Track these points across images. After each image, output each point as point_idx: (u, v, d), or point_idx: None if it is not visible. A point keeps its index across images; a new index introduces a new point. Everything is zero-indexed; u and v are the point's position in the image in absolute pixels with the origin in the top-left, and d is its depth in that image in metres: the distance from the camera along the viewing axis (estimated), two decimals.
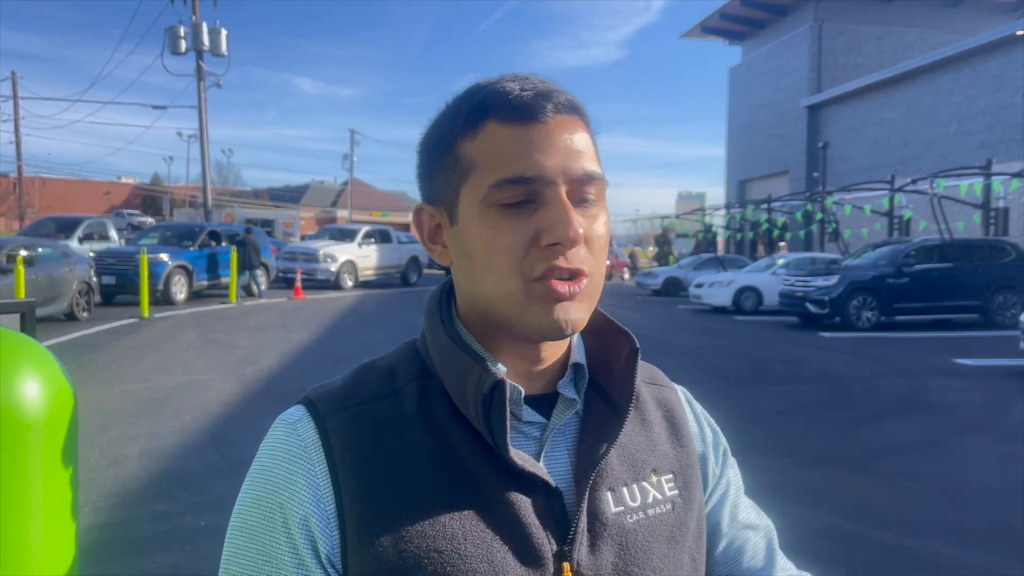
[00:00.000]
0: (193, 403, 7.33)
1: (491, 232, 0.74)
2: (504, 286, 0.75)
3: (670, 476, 0.85)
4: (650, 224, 50.85)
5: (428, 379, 0.80)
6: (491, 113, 0.76)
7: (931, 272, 15.66)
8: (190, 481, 5.12)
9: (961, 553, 4.21)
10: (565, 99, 0.77)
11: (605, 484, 0.80)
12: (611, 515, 0.78)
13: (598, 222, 0.77)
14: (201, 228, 19.53)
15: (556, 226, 0.73)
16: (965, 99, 25.79)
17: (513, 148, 0.74)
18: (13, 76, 45.73)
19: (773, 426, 7.28)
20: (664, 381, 0.95)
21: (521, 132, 0.75)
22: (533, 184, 0.74)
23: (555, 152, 0.74)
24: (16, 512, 0.79)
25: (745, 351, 12.59)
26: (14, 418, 0.79)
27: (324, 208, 66.27)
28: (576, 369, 0.84)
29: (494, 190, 0.74)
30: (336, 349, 11.24)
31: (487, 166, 0.75)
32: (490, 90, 0.77)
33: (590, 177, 0.76)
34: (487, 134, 0.76)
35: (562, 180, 0.74)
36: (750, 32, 40.97)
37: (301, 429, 0.76)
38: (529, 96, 0.75)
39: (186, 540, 4.10)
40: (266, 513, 0.74)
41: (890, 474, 5.72)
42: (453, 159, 0.78)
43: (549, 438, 0.80)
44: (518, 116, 0.75)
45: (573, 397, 0.82)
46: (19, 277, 11.40)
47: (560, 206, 0.73)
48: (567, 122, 0.76)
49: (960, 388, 9.26)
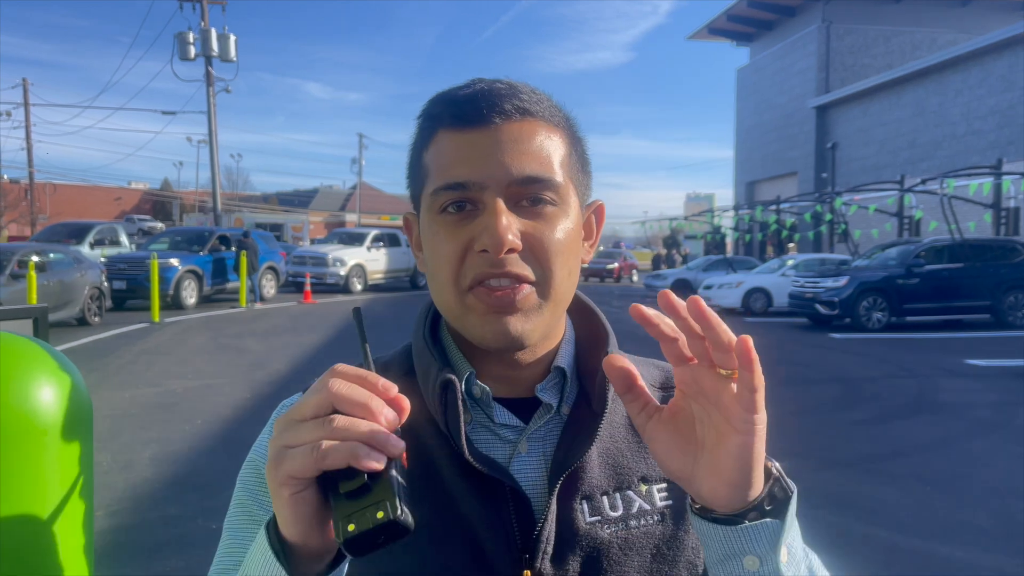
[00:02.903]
0: (204, 407, 7.35)
1: (434, 240, 0.75)
2: (443, 295, 0.75)
3: (663, 485, 0.80)
4: (658, 226, 50.75)
5: (411, 379, 0.80)
6: (441, 121, 0.76)
7: (941, 272, 15.58)
8: (201, 485, 5.14)
9: (973, 554, 4.19)
10: (515, 103, 0.74)
11: (580, 492, 0.76)
12: (583, 525, 0.75)
13: (552, 227, 0.74)
14: (211, 233, 19.61)
15: (484, 232, 0.71)
16: (974, 99, 25.68)
17: (454, 154, 0.74)
18: (24, 83, 46.02)
19: (783, 427, 7.22)
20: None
21: (463, 138, 0.74)
22: (468, 190, 0.72)
23: (494, 156, 0.72)
24: (33, 516, 0.80)
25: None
26: (30, 423, 0.80)
27: (333, 212, 66.47)
28: (560, 373, 0.81)
29: (433, 197, 0.74)
30: (346, 352, 11.25)
31: (433, 173, 0.75)
32: (441, 98, 0.77)
33: (532, 179, 0.73)
34: (436, 142, 0.76)
35: (497, 184, 0.72)
36: (757, 33, 40.88)
37: None
38: (474, 102, 0.74)
39: (197, 544, 4.11)
40: (258, 478, 0.78)
41: (901, 475, 5.70)
42: (417, 168, 0.79)
43: (524, 441, 0.78)
44: (462, 122, 0.74)
45: (549, 402, 0.79)
46: (31, 283, 11.47)
47: (492, 211, 0.71)
48: (517, 126, 0.74)
49: (971, 389, 9.21)
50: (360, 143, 61.94)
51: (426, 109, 0.79)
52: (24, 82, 46.11)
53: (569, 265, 0.76)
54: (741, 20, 40.05)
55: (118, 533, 4.27)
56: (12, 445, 0.78)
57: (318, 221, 59.88)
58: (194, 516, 4.55)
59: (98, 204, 62.52)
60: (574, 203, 0.78)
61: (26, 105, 45.76)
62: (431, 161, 0.76)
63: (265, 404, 7.53)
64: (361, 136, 62.59)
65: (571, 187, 0.77)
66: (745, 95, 42.15)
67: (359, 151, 61.91)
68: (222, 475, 5.32)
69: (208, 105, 28.10)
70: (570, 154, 0.78)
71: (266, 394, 8.04)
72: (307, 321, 15.30)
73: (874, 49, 34.37)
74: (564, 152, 0.77)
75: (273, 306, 18.53)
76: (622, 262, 38.33)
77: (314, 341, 12.31)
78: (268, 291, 20.12)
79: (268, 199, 71.84)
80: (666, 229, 48.87)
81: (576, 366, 0.83)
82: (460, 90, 0.77)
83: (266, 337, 12.71)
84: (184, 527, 4.37)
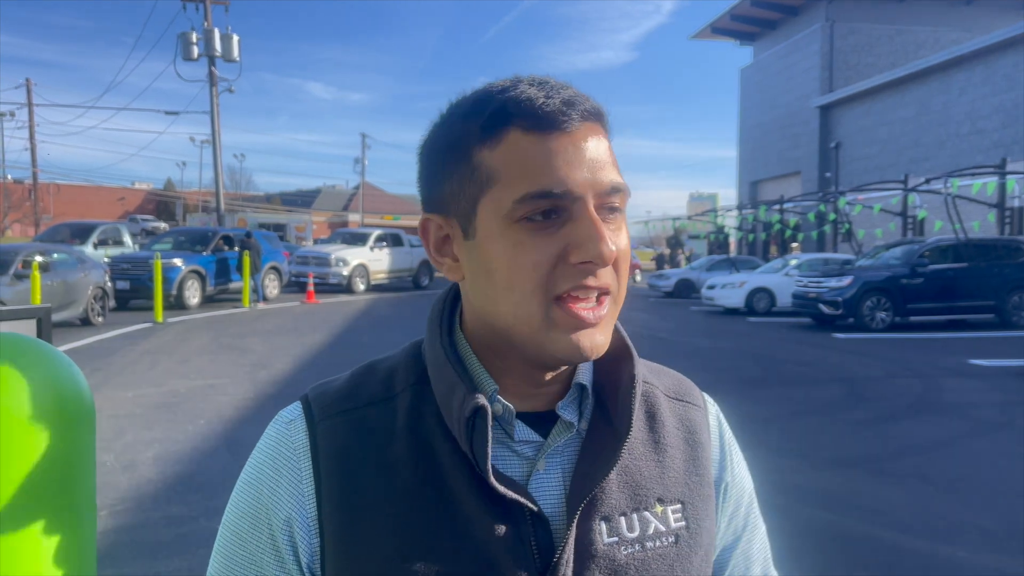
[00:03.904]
0: (207, 407, 7.37)
1: (514, 249, 0.70)
2: (525, 307, 0.70)
3: (678, 507, 0.79)
4: (662, 226, 50.75)
5: (424, 387, 0.77)
6: (513, 121, 0.71)
7: (945, 272, 15.55)
8: (204, 485, 5.15)
9: (976, 555, 4.18)
10: (590, 106, 0.73)
11: (599, 513, 0.75)
12: (602, 546, 0.74)
13: (622, 236, 0.73)
14: (214, 233, 19.65)
15: (587, 243, 0.69)
16: (978, 97, 25.62)
17: (539, 160, 0.69)
18: (28, 83, 46.17)
19: (787, 427, 7.25)
20: (692, 397, 0.88)
21: (546, 142, 0.70)
22: (561, 199, 0.69)
23: (582, 164, 0.70)
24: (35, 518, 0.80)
25: (758, 352, 12.54)
26: (32, 424, 0.80)
27: (336, 212, 66.54)
28: (581, 390, 0.80)
29: (519, 205, 0.69)
30: (349, 353, 11.26)
31: (510, 178, 0.70)
32: (511, 96, 0.72)
33: (616, 189, 0.72)
34: (509, 143, 0.71)
35: (591, 194, 0.70)
36: (761, 32, 40.84)
37: (293, 431, 0.77)
38: (555, 103, 0.71)
39: (200, 544, 4.12)
40: (252, 515, 0.76)
41: (905, 475, 5.69)
42: (469, 168, 0.72)
43: (543, 459, 0.76)
44: (543, 125, 0.70)
45: (571, 420, 0.77)
46: (35, 283, 11.50)
47: (591, 222, 0.69)
48: (591, 130, 0.72)
49: (975, 389, 9.20)
50: (363, 143, 62.01)
51: (487, 104, 0.72)
52: (28, 82, 46.28)
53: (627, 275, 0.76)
54: (744, 19, 40.01)
55: (121, 533, 4.28)
56: (13, 446, 0.78)
57: (321, 221, 59.98)
58: (197, 516, 4.55)
59: (101, 204, 62.70)
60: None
61: (30, 105, 45.90)
62: (502, 164, 0.71)
63: (268, 404, 7.54)
64: (364, 136, 62.65)
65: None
66: (748, 94, 42.11)
67: (362, 151, 62.00)
68: (225, 475, 5.32)
69: (211, 105, 28.15)
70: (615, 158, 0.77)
71: (269, 394, 8.05)
72: (310, 321, 15.32)
73: (878, 48, 34.33)
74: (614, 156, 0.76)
75: (276, 306, 18.56)
76: None
77: (317, 341, 12.33)
78: (271, 291, 20.15)
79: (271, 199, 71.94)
80: (669, 229, 48.82)
81: (594, 380, 0.81)
82: (530, 87, 0.72)
83: (269, 337, 12.73)
84: (187, 527, 4.38)
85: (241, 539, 0.76)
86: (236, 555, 0.76)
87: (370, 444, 0.75)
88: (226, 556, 0.76)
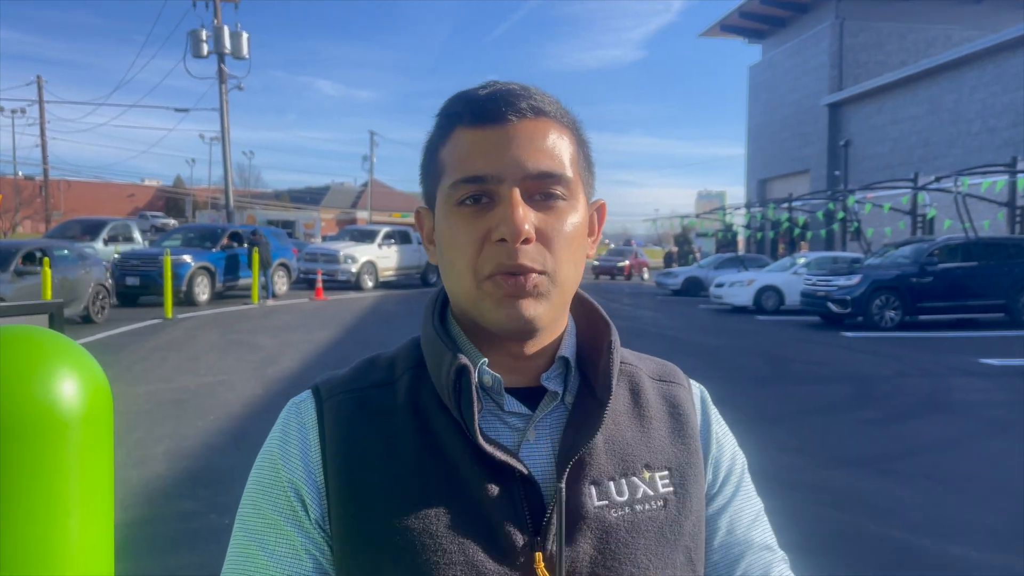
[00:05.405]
0: (216, 403, 7.40)
1: (452, 230, 0.79)
2: (461, 283, 0.79)
3: (665, 473, 0.84)
4: (669, 224, 50.63)
5: (421, 370, 0.84)
6: (460, 119, 0.80)
7: (955, 271, 15.48)
8: (214, 480, 5.17)
9: (985, 555, 4.17)
10: (530, 104, 0.79)
11: (588, 477, 0.79)
12: (592, 508, 0.78)
13: (562, 220, 0.79)
14: (223, 230, 19.71)
15: (501, 223, 0.75)
16: (989, 96, 25.46)
17: (472, 149, 0.78)
18: (38, 80, 46.31)
19: (795, 426, 7.23)
20: (676, 378, 0.94)
21: (481, 135, 0.78)
22: (486, 183, 0.77)
23: (510, 152, 0.77)
24: (55, 510, 0.81)
25: (766, 351, 12.51)
26: (52, 416, 0.81)
27: (344, 209, 66.59)
28: (564, 363, 0.85)
29: (452, 190, 0.78)
30: (357, 349, 11.28)
31: (451, 168, 0.79)
32: (460, 98, 0.81)
33: (546, 174, 0.78)
34: (454, 139, 0.80)
35: (513, 177, 0.77)
36: (770, 30, 40.69)
37: (303, 410, 0.83)
38: (491, 101, 0.78)
39: (211, 538, 4.14)
40: (268, 485, 0.80)
41: (913, 475, 5.67)
42: (433, 164, 0.83)
43: (532, 428, 0.81)
44: (480, 120, 0.78)
45: (555, 390, 0.83)
46: (46, 279, 11.51)
47: (509, 204, 0.76)
48: (531, 124, 0.79)
49: (985, 388, 9.16)
50: (371, 140, 62.11)
51: (444, 108, 0.82)
52: (38, 80, 46.40)
53: (576, 257, 0.81)
54: (753, 17, 39.88)
55: (131, 528, 4.30)
56: (34, 438, 0.79)
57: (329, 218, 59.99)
58: (207, 511, 4.58)
59: (111, 201, 62.94)
60: (582, 200, 0.83)
61: (40, 102, 46.05)
62: (448, 157, 0.80)
63: (276, 400, 7.57)
64: (372, 133, 62.52)
65: (579, 184, 0.82)
66: (757, 92, 41.97)
67: (370, 148, 62.14)
68: (235, 471, 5.35)
69: (221, 102, 28.21)
70: (578, 154, 0.83)
71: (277, 390, 8.08)
72: (318, 318, 15.35)
73: (888, 46, 34.14)
74: (573, 151, 0.82)
75: (285, 303, 18.60)
76: (632, 260, 38.26)
77: (325, 338, 12.36)
78: (280, 288, 20.21)
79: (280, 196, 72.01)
80: (677, 227, 48.69)
81: (578, 357, 0.86)
82: (477, 90, 0.81)
83: (278, 334, 12.77)
84: (197, 522, 4.41)
85: (259, 509, 0.80)
86: (256, 525, 0.80)
87: (373, 417, 0.81)
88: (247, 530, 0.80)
